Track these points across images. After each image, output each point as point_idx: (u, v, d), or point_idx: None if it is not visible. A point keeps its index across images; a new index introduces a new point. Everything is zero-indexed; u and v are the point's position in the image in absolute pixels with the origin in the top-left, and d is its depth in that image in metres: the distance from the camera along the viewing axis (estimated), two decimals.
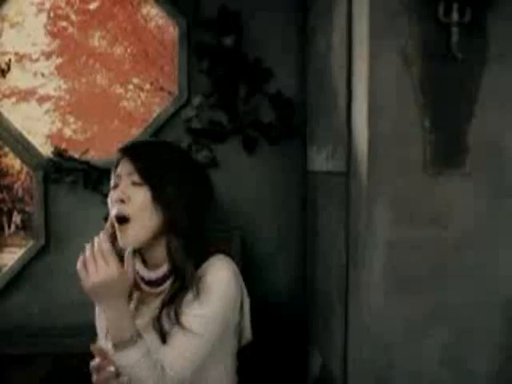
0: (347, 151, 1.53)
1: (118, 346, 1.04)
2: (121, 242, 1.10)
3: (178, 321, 1.09)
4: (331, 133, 1.68)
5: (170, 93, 7.02)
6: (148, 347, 1.06)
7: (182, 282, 1.11)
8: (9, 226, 8.37)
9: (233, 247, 1.97)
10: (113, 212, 1.11)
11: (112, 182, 1.14)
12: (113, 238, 1.14)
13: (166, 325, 1.11)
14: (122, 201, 1.09)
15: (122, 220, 1.09)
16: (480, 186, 1.40)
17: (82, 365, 1.35)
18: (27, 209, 8.27)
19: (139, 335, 1.06)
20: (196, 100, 2.02)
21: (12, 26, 7.49)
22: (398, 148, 1.38)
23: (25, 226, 8.35)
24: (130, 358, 1.04)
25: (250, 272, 2.06)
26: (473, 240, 1.41)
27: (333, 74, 1.66)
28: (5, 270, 2.09)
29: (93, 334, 1.27)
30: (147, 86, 7.74)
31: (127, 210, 1.08)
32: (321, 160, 1.79)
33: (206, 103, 2.02)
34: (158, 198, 1.10)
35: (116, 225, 1.10)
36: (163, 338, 1.10)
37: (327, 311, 1.75)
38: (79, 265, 1.05)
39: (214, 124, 2.03)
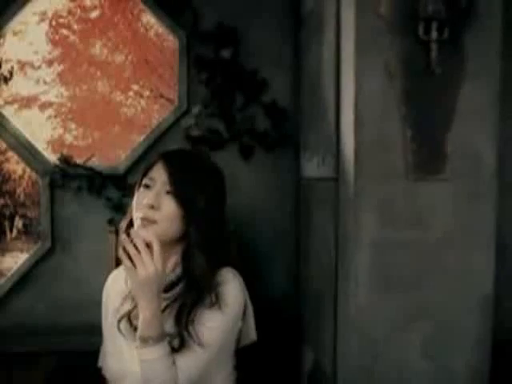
0: (336, 159, 1.60)
1: (147, 341, 1.09)
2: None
3: (189, 330, 1.13)
4: (321, 141, 1.75)
5: (169, 100, 7.08)
6: (169, 349, 1.11)
7: (200, 292, 1.14)
8: (11, 231, 8.37)
9: (230, 249, 2.04)
10: (139, 214, 1.13)
11: (143, 181, 1.16)
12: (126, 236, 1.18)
13: (178, 331, 1.15)
14: (152, 206, 1.12)
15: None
16: (458, 190, 1.48)
17: (86, 363, 1.42)
18: (29, 214, 8.27)
19: (164, 335, 1.11)
20: (195, 109, 2.07)
21: (14, 34, 7.54)
22: (382, 156, 1.45)
23: (26, 231, 8.34)
24: (153, 354, 1.09)
25: (246, 272, 2.13)
26: (452, 241, 1.48)
27: (323, 87, 1.73)
28: (12, 271, 2.13)
29: (95, 334, 1.35)
30: (147, 93, 7.77)
31: (155, 216, 1.12)
32: (312, 166, 1.86)
33: (205, 112, 2.08)
34: (188, 212, 1.13)
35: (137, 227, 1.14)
36: (174, 343, 1.14)
37: (318, 309, 1.80)
38: (126, 263, 1.06)
39: (212, 132, 2.09)
